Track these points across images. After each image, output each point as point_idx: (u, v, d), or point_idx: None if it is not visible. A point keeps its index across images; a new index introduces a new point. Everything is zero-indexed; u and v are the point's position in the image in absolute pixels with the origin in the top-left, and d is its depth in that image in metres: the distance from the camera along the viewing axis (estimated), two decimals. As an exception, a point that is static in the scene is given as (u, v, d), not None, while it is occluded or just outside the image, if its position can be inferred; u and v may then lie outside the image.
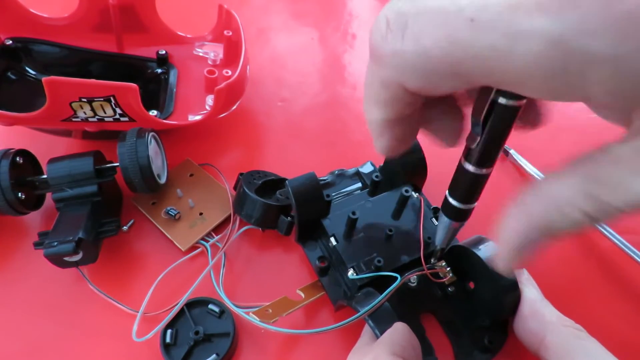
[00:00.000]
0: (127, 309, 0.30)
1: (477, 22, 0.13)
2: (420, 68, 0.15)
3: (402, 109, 0.17)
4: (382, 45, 0.15)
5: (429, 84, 0.15)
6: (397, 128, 0.18)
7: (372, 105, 0.18)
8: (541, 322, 0.25)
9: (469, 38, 0.13)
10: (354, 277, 0.28)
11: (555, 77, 0.12)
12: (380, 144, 0.20)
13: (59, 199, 0.31)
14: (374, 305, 0.25)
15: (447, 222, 0.23)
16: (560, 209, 0.15)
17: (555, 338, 0.24)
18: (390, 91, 0.16)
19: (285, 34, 0.52)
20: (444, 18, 0.13)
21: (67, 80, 0.30)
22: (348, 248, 0.30)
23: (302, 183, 0.30)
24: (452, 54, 0.14)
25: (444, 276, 0.30)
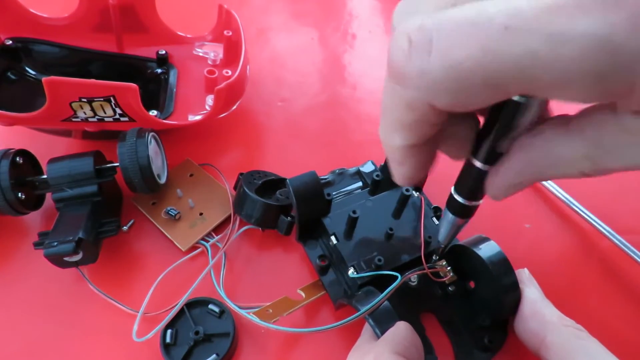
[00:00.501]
0: (127, 309, 0.30)
1: (512, 29, 0.12)
2: (451, 84, 0.14)
3: (427, 132, 0.16)
4: (405, 64, 0.14)
5: (461, 100, 0.14)
6: (420, 154, 0.18)
7: (394, 131, 0.17)
8: (542, 323, 0.25)
9: (505, 46, 0.12)
10: (354, 276, 0.28)
11: (604, 78, 0.12)
12: (401, 173, 0.19)
13: (59, 199, 0.31)
14: (374, 304, 0.25)
15: (451, 218, 0.23)
16: (561, 165, 0.15)
17: (556, 338, 0.24)
18: (417, 113, 0.15)
19: (285, 34, 0.52)
20: (473, 29, 0.13)
21: (67, 80, 0.30)
22: (348, 247, 0.30)
23: (303, 182, 0.30)
24: (487, 65, 0.13)
25: (445, 275, 0.30)
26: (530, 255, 0.35)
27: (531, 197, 0.38)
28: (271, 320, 0.28)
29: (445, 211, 0.23)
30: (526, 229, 0.36)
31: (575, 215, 0.36)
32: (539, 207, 0.38)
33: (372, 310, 0.25)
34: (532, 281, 0.28)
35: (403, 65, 0.14)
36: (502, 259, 0.27)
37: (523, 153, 0.17)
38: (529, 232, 0.36)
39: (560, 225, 0.37)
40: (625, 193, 0.39)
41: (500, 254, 0.28)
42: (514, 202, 0.38)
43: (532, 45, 0.12)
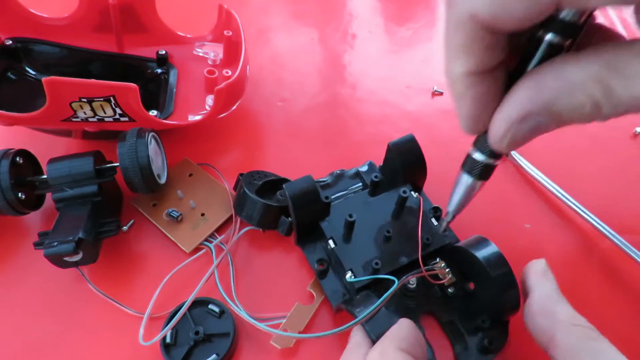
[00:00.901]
0: (127, 309, 0.30)
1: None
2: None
3: (483, 56, 0.16)
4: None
5: (499, 9, 0.14)
6: (480, 85, 0.17)
7: (453, 58, 0.17)
8: (551, 321, 0.24)
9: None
10: (352, 280, 0.28)
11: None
12: (461, 108, 0.18)
13: (59, 199, 0.31)
14: (370, 310, 0.25)
15: (468, 180, 0.21)
16: (571, 89, 0.15)
17: (565, 338, 0.23)
18: (466, 29, 0.15)
19: (285, 34, 0.52)
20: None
21: (67, 80, 0.30)
22: (346, 250, 0.30)
23: (299, 187, 0.30)
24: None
25: (443, 277, 0.29)
26: (530, 255, 0.35)
27: (531, 197, 0.38)
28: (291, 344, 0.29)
29: (461, 175, 0.21)
30: (526, 229, 0.36)
31: (575, 215, 0.36)
32: (539, 207, 0.38)
33: (369, 317, 0.25)
34: (547, 274, 0.27)
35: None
36: (500, 261, 0.27)
37: (529, 79, 0.16)
38: (529, 232, 0.36)
39: (560, 225, 0.37)
40: (625, 193, 0.39)
41: (498, 255, 0.27)
42: (514, 202, 0.38)
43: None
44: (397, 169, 0.33)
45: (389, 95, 0.46)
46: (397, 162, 0.33)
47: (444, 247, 0.31)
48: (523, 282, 0.28)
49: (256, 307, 0.31)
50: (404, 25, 0.54)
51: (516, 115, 0.16)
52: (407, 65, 0.49)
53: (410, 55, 0.50)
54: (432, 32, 0.53)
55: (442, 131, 0.43)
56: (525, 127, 0.16)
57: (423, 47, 0.51)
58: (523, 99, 0.16)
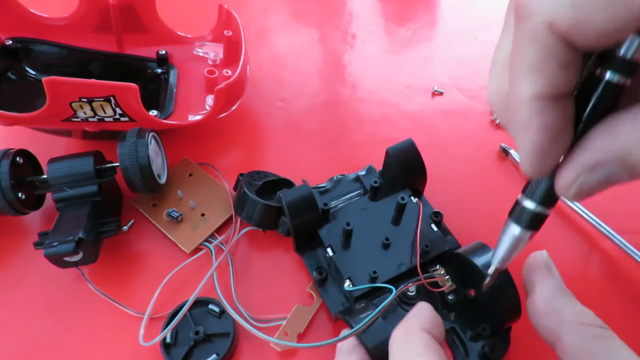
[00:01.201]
0: (127, 309, 0.30)
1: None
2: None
3: (556, 76, 0.14)
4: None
5: (581, 16, 0.13)
6: (550, 112, 0.15)
7: (521, 77, 0.15)
8: (557, 321, 0.23)
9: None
10: (350, 289, 0.28)
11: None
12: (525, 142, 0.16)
13: (59, 199, 0.31)
14: (367, 321, 0.24)
15: (516, 231, 0.20)
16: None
17: (572, 339, 0.22)
18: (541, 42, 0.14)
19: (285, 34, 0.52)
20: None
21: (67, 80, 0.30)
22: (345, 258, 0.30)
23: (296, 196, 0.30)
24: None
25: (443, 285, 0.29)
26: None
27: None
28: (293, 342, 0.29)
29: (508, 225, 0.20)
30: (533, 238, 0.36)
31: (575, 215, 0.36)
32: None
33: (365, 328, 0.25)
34: (549, 268, 0.25)
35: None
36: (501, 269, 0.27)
37: (604, 125, 0.15)
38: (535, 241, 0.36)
39: (561, 225, 0.37)
40: (625, 193, 0.39)
41: None
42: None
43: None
44: (396, 174, 0.33)
45: (389, 95, 0.46)
46: (396, 168, 0.32)
47: (444, 254, 0.30)
48: (525, 279, 0.26)
49: (256, 308, 0.31)
50: (404, 25, 0.54)
51: (587, 162, 0.15)
52: (407, 65, 0.49)
53: (410, 55, 0.50)
54: (432, 32, 0.53)
55: (442, 131, 0.43)
56: (596, 176, 0.15)
57: (423, 47, 0.51)
58: (596, 146, 0.15)
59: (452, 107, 0.45)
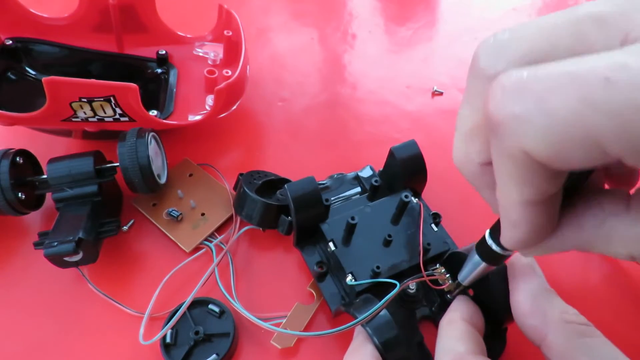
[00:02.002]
0: (127, 309, 0.30)
1: (614, 81, 0.11)
2: (545, 132, 0.13)
3: (541, 185, 0.15)
4: (499, 111, 0.14)
5: (556, 152, 0.13)
6: (538, 214, 0.16)
7: (507, 185, 0.16)
8: (541, 320, 0.24)
9: (605, 97, 0.12)
10: (352, 283, 0.28)
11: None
12: (514, 237, 0.17)
13: (59, 199, 0.31)
14: (371, 312, 0.25)
15: (478, 263, 0.22)
16: (610, 241, 0.15)
17: (557, 338, 0.23)
18: (519, 163, 0.14)
19: (285, 34, 0.52)
20: (572, 77, 0.12)
21: (67, 80, 0.30)
22: (347, 253, 0.30)
23: (301, 188, 0.30)
24: (584, 115, 0.12)
25: (443, 283, 0.29)
26: (530, 255, 0.35)
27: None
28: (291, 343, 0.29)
29: (473, 253, 0.22)
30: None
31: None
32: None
33: (370, 319, 0.25)
34: (532, 268, 0.26)
35: (497, 112, 0.14)
36: (499, 268, 0.27)
37: (575, 222, 0.16)
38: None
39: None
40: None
41: None
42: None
43: (634, 98, 0.11)
44: (397, 174, 0.33)
45: (389, 95, 0.46)
46: (398, 168, 0.33)
47: (444, 253, 0.31)
48: (509, 279, 0.27)
49: (256, 306, 0.31)
50: (404, 25, 0.54)
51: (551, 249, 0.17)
52: (407, 65, 0.49)
53: (410, 55, 0.50)
54: (432, 32, 0.53)
55: (442, 131, 0.43)
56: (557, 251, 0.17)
57: (423, 47, 0.51)
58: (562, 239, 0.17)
59: (452, 107, 0.45)
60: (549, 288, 0.25)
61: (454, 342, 0.23)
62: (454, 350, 0.23)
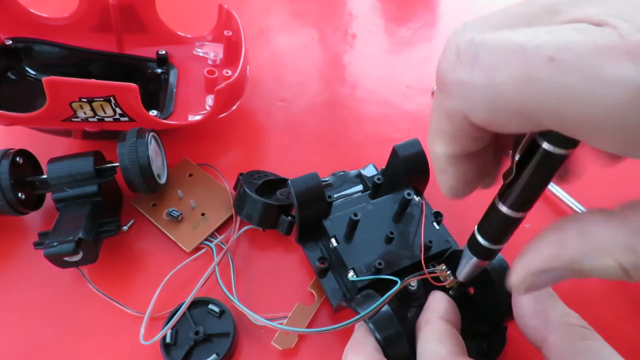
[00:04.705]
0: (127, 309, 0.30)
1: (557, 62, 0.12)
2: (487, 102, 0.14)
3: (467, 144, 0.16)
4: (449, 74, 0.15)
5: (494, 119, 0.14)
6: (461, 165, 0.17)
7: (437, 138, 0.17)
8: (543, 321, 0.24)
9: (546, 78, 0.12)
10: (354, 279, 0.28)
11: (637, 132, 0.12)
12: (443, 181, 0.19)
13: (59, 199, 0.31)
14: (373, 307, 0.25)
15: (472, 259, 0.22)
16: (597, 253, 0.15)
17: (558, 339, 0.23)
18: (455, 123, 0.16)
19: (285, 34, 0.52)
20: (520, 53, 0.13)
21: (67, 80, 0.30)
22: (349, 250, 0.30)
23: (304, 183, 0.30)
24: (524, 93, 0.13)
25: (444, 280, 0.29)
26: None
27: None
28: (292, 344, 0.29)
29: (465, 250, 0.23)
30: (526, 229, 0.36)
31: (575, 215, 0.36)
32: (540, 207, 0.38)
33: (372, 315, 0.25)
34: None
35: (447, 74, 0.15)
36: (502, 265, 0.27)
37: (556, 234, 0.16)
38: (529, 233, 0.36)
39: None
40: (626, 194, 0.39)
41: (499, 259, 0.27)
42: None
43: (572, 82, 0.12)
44: (400, 172, 0.33)
45: (389, 95, 0.46)
46: (401, 166, 0.33)
47: (445, 251, 0.31)
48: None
49: (256, 307, 0.31)
50: (404, 25, 0.54)
51: (537, 268, 0.17)
52: (407, 65, 0.49)
53: (410, 55, 0.50)
54: (432, 32, 0.53)
55: (442, 131, 0.43)
56: (545, 278, 0.17)
57: (423, 47, 0.51)
58: (545, 254, 0.16)
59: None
60: (552, 291, 0.26)
61: (434, 344, 0.23)
62: (435, 353, 0.23)
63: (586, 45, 0.12)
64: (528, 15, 0.14)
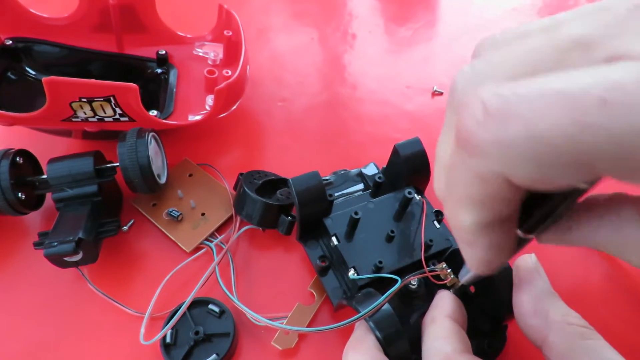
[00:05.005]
0: (127, 309, 0.30)
1: (612, 103, 0.11)
2: (534, 158, 0.12)
3: (501, 209, 0.15)
4: (480, 132, 0.13)
5: (543, 176, 0.12)
6: (493, 234, 0.16)
7: (464, 206, 0.15)
8: (543, 321, 0.24)
9: (604, 121, 0.11)
10: (354, 278, 0.28)
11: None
12: (474, 256, 0.17)
13: (59, 199, 0.31)
14: (374, 306, 0.25)
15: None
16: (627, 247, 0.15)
17: (558, 339, 0.23)
18: (491, 187, 0.14)
19: (285, 34, 0.52)
20: (564, 99, 0.11)
21: (67, 80, 0.30)
22: (349, 248, 0.30)
23: (305, 182, 0.30)
24: (578, 140, 0.11)
25: (445, 278, 0.29)
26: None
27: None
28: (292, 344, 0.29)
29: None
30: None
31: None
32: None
33: (373, 313, 0.25)
34: (537, 271, 0.26)
35: (476, 133, 0.13)
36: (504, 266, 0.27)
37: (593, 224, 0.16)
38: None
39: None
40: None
41: None
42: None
43: (631, 123, 0.11)
44: (401, 171, 0.33)
45: (389, 95, 0.46)
46: (402, 165, 0.33)
47: (446, 250, 0.31)
48: (514, 280, 0.27)
49: (256, 307, 0.31)
50: (404, 25, 0.54)
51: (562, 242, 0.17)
52: (407, 65, 0.49)
53: (410, 55, 0.50)
54: (432, 32, 0.53)
55: (442, 131, 0.43)
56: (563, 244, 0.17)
57: (423, 47, 0.51)
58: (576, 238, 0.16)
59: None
60: (552, 291, 0.25)
61: (440, 342, 0.23)
62: (441, 350, 0.23)
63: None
64: (555, 51, 0.13)
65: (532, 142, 0.12)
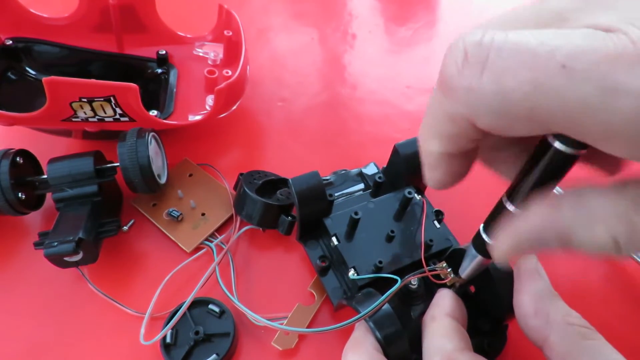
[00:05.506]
0: (127, 309, 0.30)
1: (570, 70, 0.12)
2: (496, 108, 0.14)
3: (464, 145, 0.16)
4: (456, 78, 0.14)
5: (502, 125, 0.14)
6: (454, 162, 0.18)
7: (432, 137, 0.17)
8: (544, 321, 0.24)
9: (559, 86, 0.12)
10: (354, 278, 0.28)
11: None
12: (432, 176, 0.19)
13: (59, 199, 0.31)
14: (374, 306, 0.25)
15: (475, 256, 0.23)
16: (591, 222, 0.14)
17: (559, 339, 0.23)
18: (457, 126, 0.15)
19: (285, 34, 0.52)
20: (531, 59, 0.13)
21: (67, 80, 0.30)
22: (349, 248, 0.30)
23: (305, 181, 0.30)
24: (535, 100, 0.13)
25: (445, 277, 0.29)
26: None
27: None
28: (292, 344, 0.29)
29: (469, 248, 0.23)
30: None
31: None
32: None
33: (372, 313, 0.25)
34: (538, 271, 0.26)
35: (453, 78, 0.14)
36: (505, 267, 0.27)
37: (547, 202, 0.16)
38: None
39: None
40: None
41: None
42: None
43: (585, 91, 0.12)
44: (401, 171, 0.33)
45: (389, 95, 0.46)
46: (402, 165, 0.33)
47: (446, 250, 0.31)
48: (515, 281, 0.27)
49: (256, 307, 0.31)
50: (404, 25, 0.54)
51: (526, 237, 0.17)
52: (407, 65, 0.49)
53: (410, 55, 0.50)
54: (432, 32, 0.53)
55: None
56: (532, 246, 0.17)
57: (423, 47, 0.51)
58: (537, 222, 0.16)
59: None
60: (553, 291, 0.26)
61: (441, 339, 0.23)
62: (441, 348, 0.23)
63: (598, 53, 0.12)
64: (538, 18, 0.14)
65: (498, 96, 0.13)
